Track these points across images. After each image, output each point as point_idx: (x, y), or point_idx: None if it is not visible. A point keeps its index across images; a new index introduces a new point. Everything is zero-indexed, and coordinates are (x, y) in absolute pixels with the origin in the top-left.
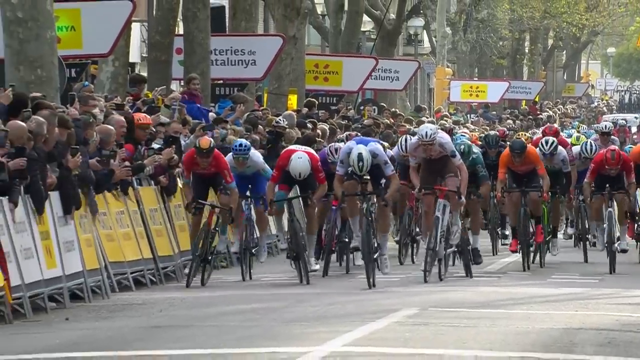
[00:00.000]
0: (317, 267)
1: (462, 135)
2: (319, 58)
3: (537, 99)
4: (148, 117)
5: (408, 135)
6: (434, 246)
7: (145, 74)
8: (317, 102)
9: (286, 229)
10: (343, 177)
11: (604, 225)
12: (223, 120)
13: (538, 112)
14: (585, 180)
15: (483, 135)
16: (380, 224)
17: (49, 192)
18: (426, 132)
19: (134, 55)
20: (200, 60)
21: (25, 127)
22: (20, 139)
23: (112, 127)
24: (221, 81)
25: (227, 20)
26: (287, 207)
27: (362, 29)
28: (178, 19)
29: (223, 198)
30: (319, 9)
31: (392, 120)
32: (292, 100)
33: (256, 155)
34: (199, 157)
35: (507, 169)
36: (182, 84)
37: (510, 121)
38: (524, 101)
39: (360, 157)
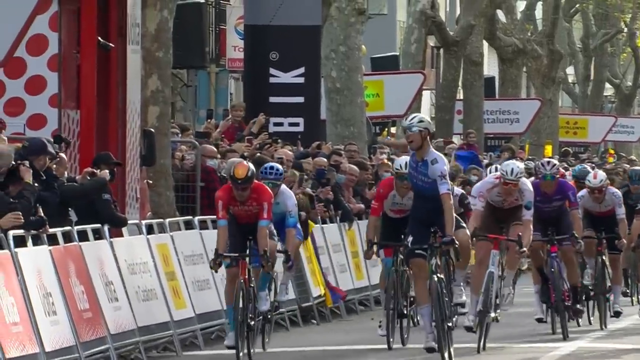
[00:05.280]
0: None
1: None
2: (569, 117)
3: None
4: None
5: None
6: (487, 306)
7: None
8: (570, 152)
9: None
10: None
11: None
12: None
13: None
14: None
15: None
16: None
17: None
18: (512, 169)
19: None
20: (476, 118)
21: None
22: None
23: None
24: (492, 135)
25: (496, 87)
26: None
27: (605, 94)
28: (459, 87)
29: (261, 234)
30: (570, 79)
31: (629, 166)
32: (548, 150)
33: (288, 191)
34: (235, 190)
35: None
36: (462, 137)
37: None
38: None
39: None
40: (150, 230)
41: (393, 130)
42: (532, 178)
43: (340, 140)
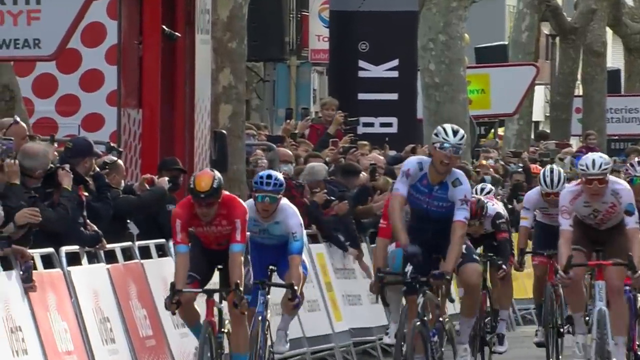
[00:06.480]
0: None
1: None
2: None
3: None
4: (539, 168)
5: (554, 166)
6: (603, 354)
7: (548, 131)
8: None
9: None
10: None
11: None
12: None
13: None
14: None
15: None
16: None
17: None
18: (593, 161)
19: (538, 114)
20: (598, 118)
21: None
22: None
23: None
24: (616, 137)
25: (622, 81)
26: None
27: None
28: (577, 82)
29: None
30: None
31: None
32: None
33: (291, 207)
34: (198, 207)
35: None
36: (580, 139)
37: None
38: None
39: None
40: None
41: (501, 131)
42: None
43: None
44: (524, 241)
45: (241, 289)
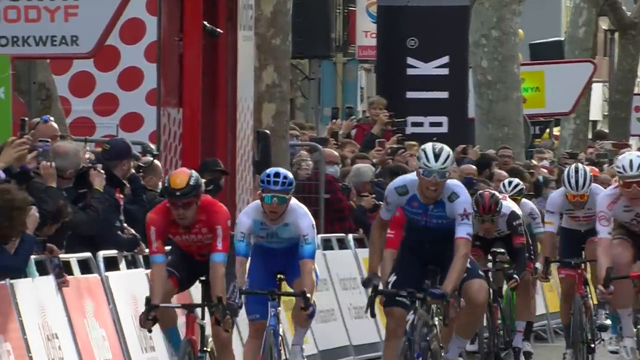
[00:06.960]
0: None
1: None
2: None
3: None
4: (597, 170)
5: (580, 165)
6: None
7: (606, 130)
8: None
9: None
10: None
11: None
12: None
13: None
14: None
15: None
16: (460, 325)
17: None
18: (631, 161)
19: (595, 113)
20: None
21: None
22: None
23: None
24: None
25: None
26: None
27: None
28: (637, 79)
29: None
30: None
31: None
32: None
33: (302, 208)
34: (174, 208)
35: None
36: None
37: None
38: None
39: None
40: None
41: (556, 131)
42: None
43: (492, 144)
44: (550, 249)
45: (224, 304)
